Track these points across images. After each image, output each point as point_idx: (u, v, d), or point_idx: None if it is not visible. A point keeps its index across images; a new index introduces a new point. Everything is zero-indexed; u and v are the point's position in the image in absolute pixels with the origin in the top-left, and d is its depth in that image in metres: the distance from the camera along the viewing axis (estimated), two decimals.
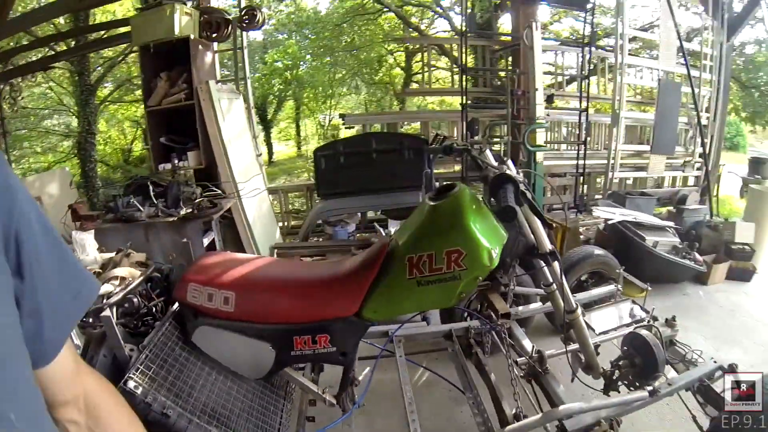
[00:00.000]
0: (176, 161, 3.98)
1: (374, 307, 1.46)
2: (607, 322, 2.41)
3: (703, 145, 5.47)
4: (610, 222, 4.18)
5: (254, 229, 4.15)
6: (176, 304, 1.57)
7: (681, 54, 5.14)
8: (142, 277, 1.62)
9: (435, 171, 4.54)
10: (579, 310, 1.87)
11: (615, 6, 5.59)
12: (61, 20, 9.08)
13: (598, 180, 5.95)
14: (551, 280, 1.86)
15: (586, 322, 2.10)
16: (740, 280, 4.37)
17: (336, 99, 20.28)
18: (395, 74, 17.61)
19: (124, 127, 15.69)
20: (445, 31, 14.43)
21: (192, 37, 4.04)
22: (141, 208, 3.34)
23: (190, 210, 3.28)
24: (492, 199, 1.52)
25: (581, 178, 5.10)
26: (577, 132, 5.33)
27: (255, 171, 4.57)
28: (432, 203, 1.52)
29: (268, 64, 15.89)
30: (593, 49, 6.53)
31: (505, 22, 8.95)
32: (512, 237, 1.66)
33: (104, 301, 1.40)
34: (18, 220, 0.51)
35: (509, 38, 6.22)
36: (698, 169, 5.98)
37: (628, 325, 2.34)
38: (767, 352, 3.20)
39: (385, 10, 13.41)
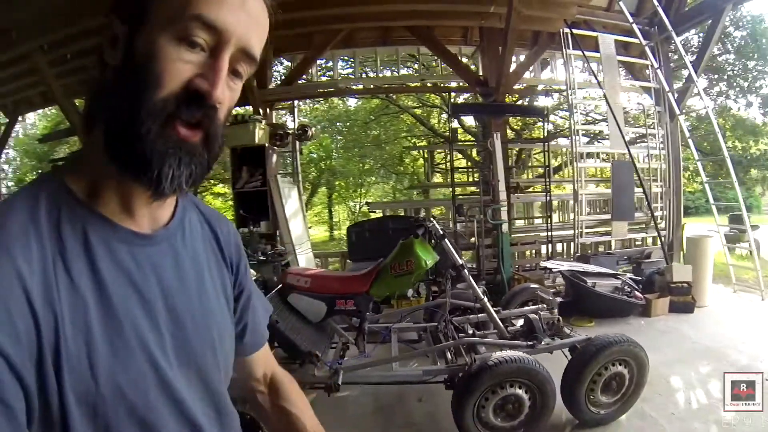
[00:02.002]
0: (251, 227, 5.68)
1: (376, 289, 3.45)
2: None
3: (651, 210, 7.18)
4: (555, 271, 5.89)
5: None
6: (279, 286, 3.58)
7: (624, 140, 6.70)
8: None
9: None
10: (486, 299, 3.77)
11: (569, 108, 7.34)
12: None
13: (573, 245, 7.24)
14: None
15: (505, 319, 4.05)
16: (683, 312, 5.63)
17: (365, 188, 23.29)
18: (419, 165, 19.96)
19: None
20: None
21: (266, 145, 6.06)
22: None
23: (264, 258, 5.06)
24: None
25: (549, 244, 6.90)
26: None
27: (305, 239, 6.56)
28: (402, 242, 3.57)
29: (305, 155, 18.21)
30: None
31: None
32: (442, 258, 3.65)
33: None
34: (240, 257, 0.90)
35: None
36: (663, 230, 7.33)
37: None
38: (681, 354, 4.27)
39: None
